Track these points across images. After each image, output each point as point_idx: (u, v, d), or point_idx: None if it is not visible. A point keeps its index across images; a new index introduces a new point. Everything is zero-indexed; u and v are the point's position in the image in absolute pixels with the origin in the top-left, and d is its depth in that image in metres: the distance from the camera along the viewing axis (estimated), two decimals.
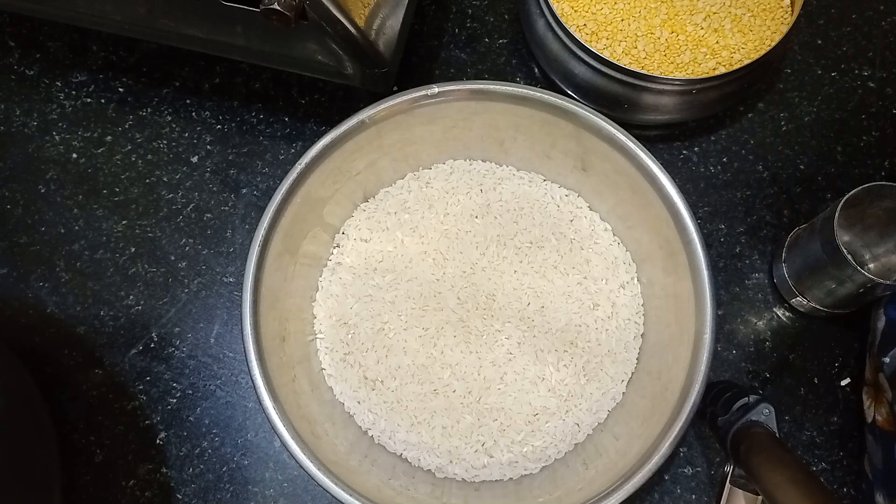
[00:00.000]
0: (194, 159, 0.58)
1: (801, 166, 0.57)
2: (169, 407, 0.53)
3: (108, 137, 0.59)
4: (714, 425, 0.47)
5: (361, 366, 0.50)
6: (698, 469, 0.51)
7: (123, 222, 0.57)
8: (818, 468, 0.51)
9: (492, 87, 0.47)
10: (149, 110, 0.59)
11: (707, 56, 0.53)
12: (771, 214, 0.56)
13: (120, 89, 0.60)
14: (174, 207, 0.57)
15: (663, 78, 0.50)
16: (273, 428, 0.42)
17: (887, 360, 0.46)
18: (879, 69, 0.59)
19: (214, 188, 0.58)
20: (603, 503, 0.41)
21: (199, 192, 0.57)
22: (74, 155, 0.59)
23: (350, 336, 0.50)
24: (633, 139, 0.46)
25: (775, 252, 0.55)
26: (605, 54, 0.50)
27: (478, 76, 0.59)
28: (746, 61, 0.50)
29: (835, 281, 0.48)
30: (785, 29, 0.52)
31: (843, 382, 0.53)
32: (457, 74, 0.59)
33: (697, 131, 0.58)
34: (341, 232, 0.53)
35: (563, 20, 0.51)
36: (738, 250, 0.56)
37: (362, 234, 0.52)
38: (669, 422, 0.42)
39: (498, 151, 0.53)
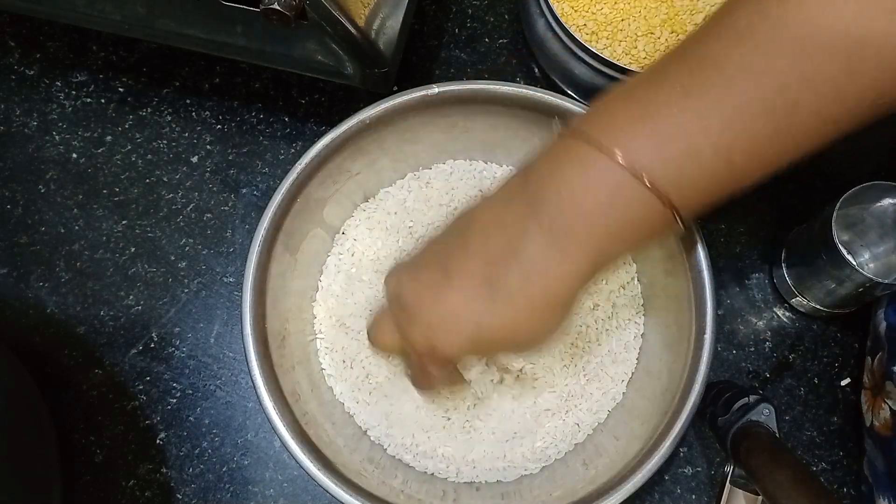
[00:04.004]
0: (194, 159, 0.58)
1: (801, 166, 0.57)
2: (169, 407, 0.53)
3: (108, 137, 0.59)
4: (714, 425, 0.47)
5: (362, 366, 0.50)
6: (698, 469, 0.51)
7: (123, 222, 0.57)
8: (818, 468, 0.51)
9: (492, 87, 0.47)
10: (149, 110, 0.59)
11: None
12: (771, 214, 0.56)
13: (120, 89, 0.60)
14: (174, 207, 0.57)
15: None
16: (273, 428, 0.42)
17: None
18: None
19: (214, 188, 0.58)
20: (603, 503, 0.41)
21: (199, 192, 0.57)
22: (74, 155, 0.59)
23: (350, 336, 0.50)
24: None
25: (775, 252, 0.55)
26: (605, 54, 0.50)
27: (478, 76, 0.59)
28: None
29: (834, 281, 0.48)
30: None
31: (843, 382, 0.53)
32: (457, 74, 0.59)
33: None
34: (341, 232, 0.53)
35: (563, 20, 0.51)
36: (738, 250, 0.56)
37: (362, 234, 0.52)
38: (669, 422, 0.42)
39: (498, 151, 0.53)
